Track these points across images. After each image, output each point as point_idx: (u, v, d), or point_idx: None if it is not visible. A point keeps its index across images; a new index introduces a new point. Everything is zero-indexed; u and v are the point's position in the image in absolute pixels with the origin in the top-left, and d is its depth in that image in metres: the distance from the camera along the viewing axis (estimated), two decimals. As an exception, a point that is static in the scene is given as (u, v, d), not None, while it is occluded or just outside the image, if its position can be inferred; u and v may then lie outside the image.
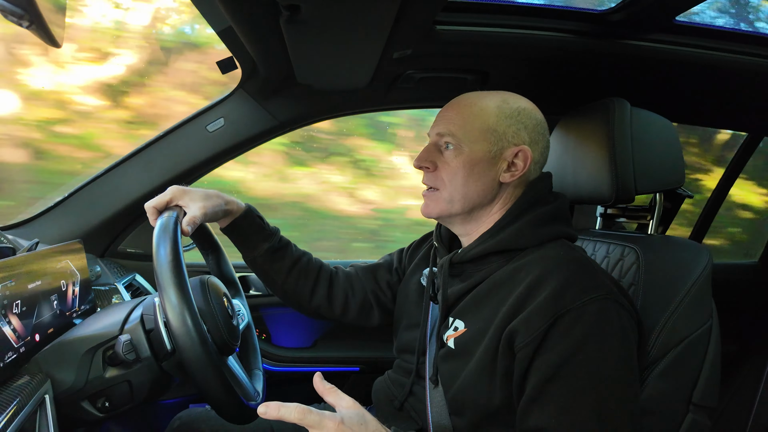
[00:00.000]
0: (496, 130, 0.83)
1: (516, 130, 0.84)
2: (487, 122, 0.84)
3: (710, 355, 0.92)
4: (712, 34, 1.16)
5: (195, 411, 1.07)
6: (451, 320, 0.86)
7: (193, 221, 0.86)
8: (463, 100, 0.88)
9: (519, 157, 0.84)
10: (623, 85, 1.31)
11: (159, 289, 0.70)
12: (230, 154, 1.36)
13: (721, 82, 1.30)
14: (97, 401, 0.78)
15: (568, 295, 0.71)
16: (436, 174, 0.87)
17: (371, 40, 0.95)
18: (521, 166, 0.84)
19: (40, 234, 1.23)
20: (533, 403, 0.70)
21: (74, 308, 0.93)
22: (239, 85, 1.31)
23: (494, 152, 0.84)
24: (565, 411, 0.67)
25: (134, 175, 1.32)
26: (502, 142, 0.84)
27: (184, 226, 0.84)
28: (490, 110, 0.84)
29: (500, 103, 0.85)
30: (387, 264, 1.12)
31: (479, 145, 0.83)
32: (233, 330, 0.87)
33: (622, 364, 0.70)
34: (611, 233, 1.15)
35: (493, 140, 0.83)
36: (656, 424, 0.90)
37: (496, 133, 0.83)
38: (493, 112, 0.84)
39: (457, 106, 0.88)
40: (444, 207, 0.87)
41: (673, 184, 1.04)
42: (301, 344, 1.55)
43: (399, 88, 1.34)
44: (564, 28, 1.12)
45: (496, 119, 0.84)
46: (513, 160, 0.84)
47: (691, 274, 0.92)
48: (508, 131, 0.84)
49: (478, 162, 0.84)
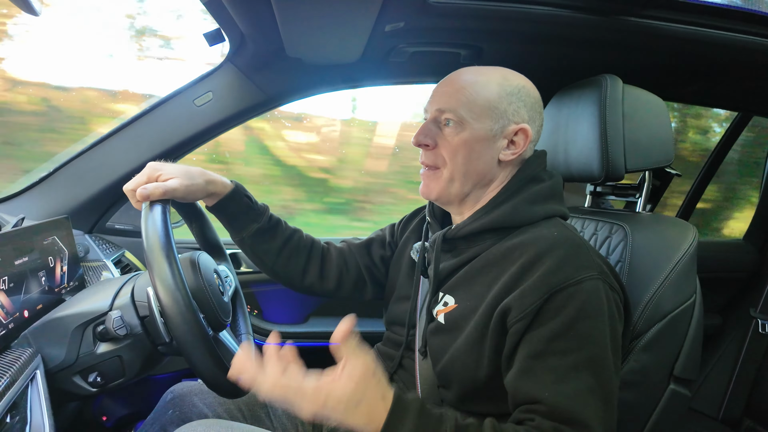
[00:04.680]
0: (498, 108, 0.82)
1: (516, 108, 0.83)
2: (489, 99, 0.82)
3: (692, 329, 0.95)
4: (706, 10, 1.15)
5: (188, 385, 1.08)
6: (441, 295, 0.86)
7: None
8: (463, 75, 0.86)
9: (519, 135, 0.84)
10: (616, 61, 1.30)
11: (151, 276, 0.70)
12: (219, 128, 1.34)
13: (713, 59, 1.29)
14: (89, 376, 0.79)
15: (562, 273, 0.72)
16: (436, 152, 0.85)
17: (363, 12, 0.93)
18: (521, 144, 0.84)
19: (26, 210, 1.21)
20: (525, 376, 0.71)
21: (63, 284, 0.93)
22: (227, 59, 1.28)
23: (495, 130, 0.83)
24: (559, 382, 0.68)
25: (121, 149, 1.29)
26: (504, 120, 0.83)
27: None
28: (492, 87, 0.83)
29: (501, 80, 0.84)
30: (380, 239, 1.12)
31: (482, 123, 0.82)
32: (224, 306, 0.87)
33: (610, 343, 0.72)
34: (600, 211, 1.16)
35: (495, 117, 0.82)
36: (638, 396, 0.93)
37: (498, 110, 0.82)
38: (494, 89, 0.83)
39: (456, 81, 0.85)
40: (444, 186, 0.85)
41: (663, 162, 1.05)
42: (293, 320, 1.57)
43: (391, 63, 1.32)
44: (558, 3, 1.10)
45: (498, 96, 0.82)
46: (513, 138, 0.84)
47: (677, 252, 0.93)
48: (509, 109, 0.83)
49: (480, 140, 0.82)
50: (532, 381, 0.70)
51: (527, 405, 0.70)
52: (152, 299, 0.77)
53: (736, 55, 1.25)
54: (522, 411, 0.70)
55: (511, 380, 0.73)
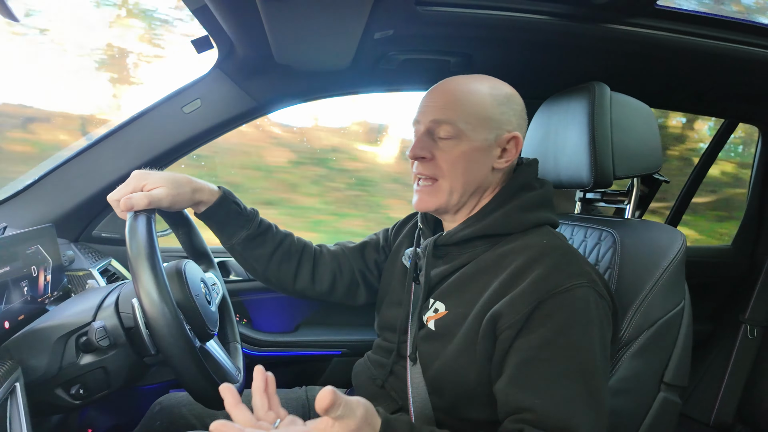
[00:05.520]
0: (492, 117, 0.83)
1: (508, 117, 0.84)
2: (484, 109, 0.83)
3: (682, 335, 0.95)
4: (691, 19, 1.17)
5: (175, 396, 1.06)
6: (432, 302, 0.86)
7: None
8: (454, 85, 0.86)
9: (511, 143, 0.84)
10: (604, 69, 1.32)
11: (136, 289, 0.69)
12: (208, 136, 1.33)
13: (699, 68, 1.31)
14: (72, 388, 0.77)
15: (552, 281, 0.72)
16: (434, 163, 0.84)
17: (351, 20, 0.93)
18: (513, 151, 0.85)
19: (9, 218, 1.19)
20: (515, 384, 0.71)
21: (46, 294, 0.91)
22: (216, 65, 1.27)
23: (491, 140, 0.83)
24: (549, 389, 0.68)
25: (109, 157, 1.27)
26: (498, 129, 0.83)
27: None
28: (485, 97, 0.83)
29: (491, 89, 0.85)
30: (374, 242, 1.12)
31: (479, 133, 0.82)
32: (212, 316, 0.86)
33: (600, 350, 0.72)
34: (590, 217, 1.16)
35: (491, 127, 0.83)
36: (629, 404, 0.93)
37: (493, 120, 0.83)
38: (487, 99, 0.83)
39: (448, 92, 0.85)
40: (443, 199, 0.85)
41: (651, 168, 1.06)
42: (283, 329, 1.55)
43: (381, 70, 1.32)
44: (547, 11, 1.11)
45: (491, 106, 0.83)
46: (506, 146, 0.84)
47: (666, 258, 0.93)
48: (502, 118, 0.84)
49: (477, 150, 0.83)
50: (521, 388, 0.70)
51: (516, 414, 0.69)
52: (137, 312, 0.75)
53: (723, 63, 1.27)
54: (511, 421, 0.69)
55: (501, 388, 0.72)
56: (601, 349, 0.72)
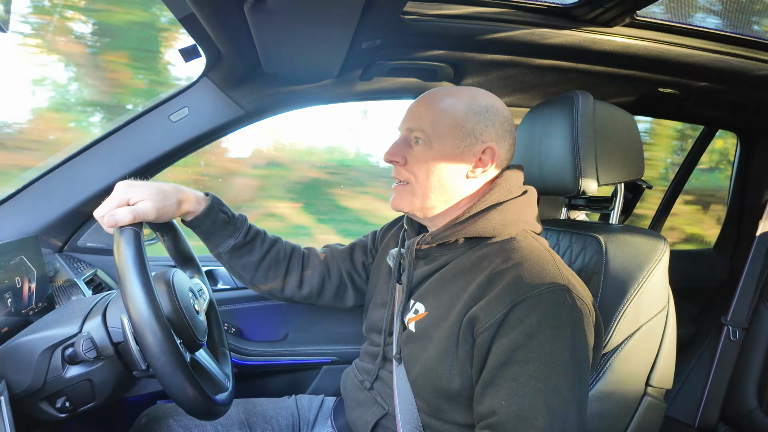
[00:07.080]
0: (464, 127, 0.85)
1: (484, 127, 0.86)
2: (455, 119, 0.85)
3: (666, 339, 0.97)
4: (674, 29, 1.20)
5: (162, 407, 1.05)
6: (413, 303, 0.88)
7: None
8: (433, 95, 0.89)
9: (486, 153, 0.86)
10: (587, 78, 1.34)
11: (126, 305, 0.68)
12: (195, 144, 1.32)
13: (679, 76, 1.34)
14: (57, 401, 0.76)
15: (525, 284, 0.74)
16: (406, 168, 0.88)
17: (339, 30, 0.94)
18: (488, 162, 0.86)
19: (-8, 228, 1.17)
20: (487, 387, 0.73)
21: (30, 306, 0.90)
22: (203, 74, 1.27)
23: (462, 148, 0.85)
24: (515, 395, 0.69)
25: (94, 166, 1.26)
26: (470, 138, 0.85)
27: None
28: (459, 107, 0.86)
29: (469, 100, 0.87)
30: (362, 244, 1.13)
31: (448, 141, 0.85)
32: (200, 325, 0.85)
33: (574, 354, 0.72)
34: (575, 223, 1.18)
35: (461, 136, 0.85)
36: (614, 407, 0.94)
37: (464, 129, 0.85)
38: (461, 108, 0.85)
39: (427, 101, 0.89)
40: (413, 201, 0.88)
41: (634, 175, 1.08)
42: (272, 338, 1.54)
43: (369, 80, 1.33)
44: (531, 22, 1.13)
45: (465, 116, 0.85)
46: (480, 156, 0.86)
47: (649, 262, 0.95)
48: (476, 128, 0.85)
49: (446, 157, 0.85)
50: (493, 392, 0.72)
51: (485, 420, 0.71)
52: (127, 328, 0.74)
53: (701, 72, 1.31)
54: (480, 427, 0.71)
55: (477, 390, 0.74)
56: (572, 351, 0.72)
